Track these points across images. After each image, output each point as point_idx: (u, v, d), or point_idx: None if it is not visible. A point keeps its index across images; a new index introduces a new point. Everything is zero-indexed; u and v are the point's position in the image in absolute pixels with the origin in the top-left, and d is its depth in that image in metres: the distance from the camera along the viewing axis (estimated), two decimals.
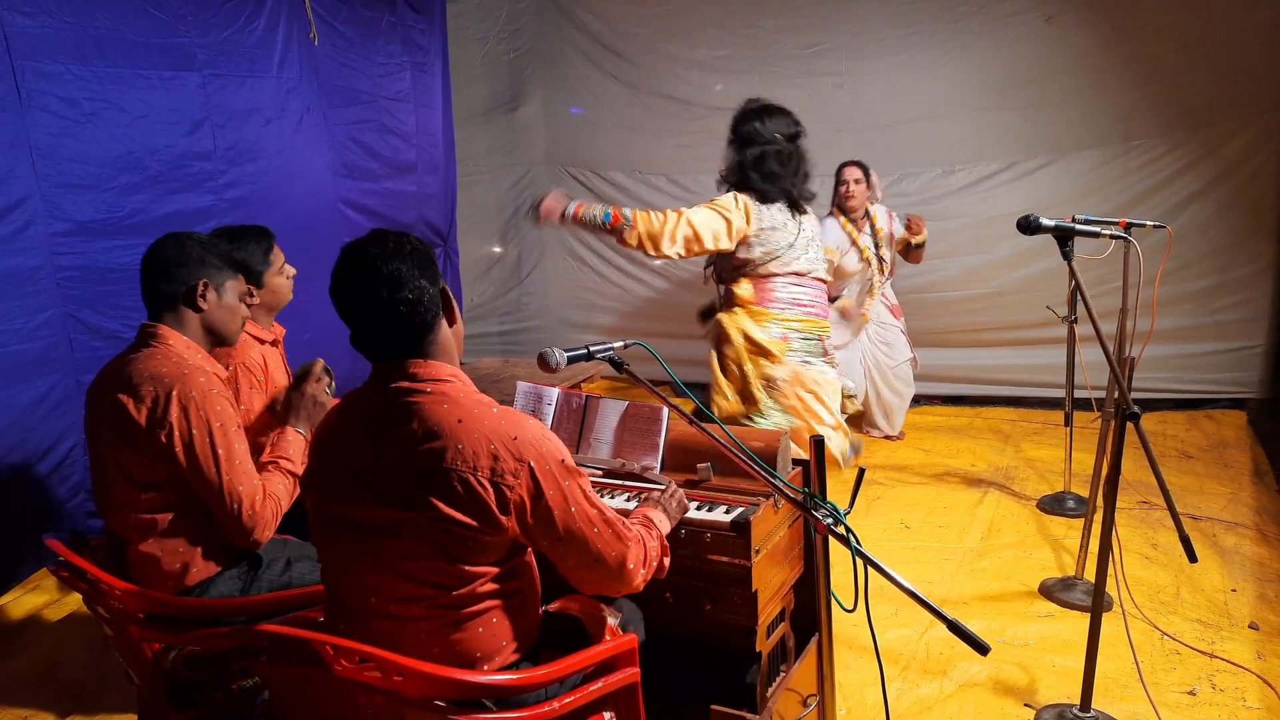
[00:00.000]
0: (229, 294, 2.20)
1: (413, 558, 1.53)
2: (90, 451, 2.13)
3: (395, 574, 1.55)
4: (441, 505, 1.49)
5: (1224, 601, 3.14)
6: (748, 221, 3.13)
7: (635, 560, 1.68)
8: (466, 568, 1.54)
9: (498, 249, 6.70)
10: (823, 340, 3.24)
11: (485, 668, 1.60)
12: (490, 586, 1.58)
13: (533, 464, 1.53)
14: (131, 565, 2.07)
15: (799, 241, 3.18)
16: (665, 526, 1.89)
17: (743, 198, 3.17)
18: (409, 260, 1.57)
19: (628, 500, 2.15)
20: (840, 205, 4.79)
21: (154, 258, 2.14)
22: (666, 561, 1.82)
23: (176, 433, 1.97)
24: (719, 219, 3.14)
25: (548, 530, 1.57)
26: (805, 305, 3.21)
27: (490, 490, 1.50)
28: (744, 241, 3.16)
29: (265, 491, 2.05)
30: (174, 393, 1.98)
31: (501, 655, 1.62)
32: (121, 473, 2.03)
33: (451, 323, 1.66)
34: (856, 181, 4.71)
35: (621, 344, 1.94)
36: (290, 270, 2.78)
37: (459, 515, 1.49)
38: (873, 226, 4.78)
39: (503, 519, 1.52)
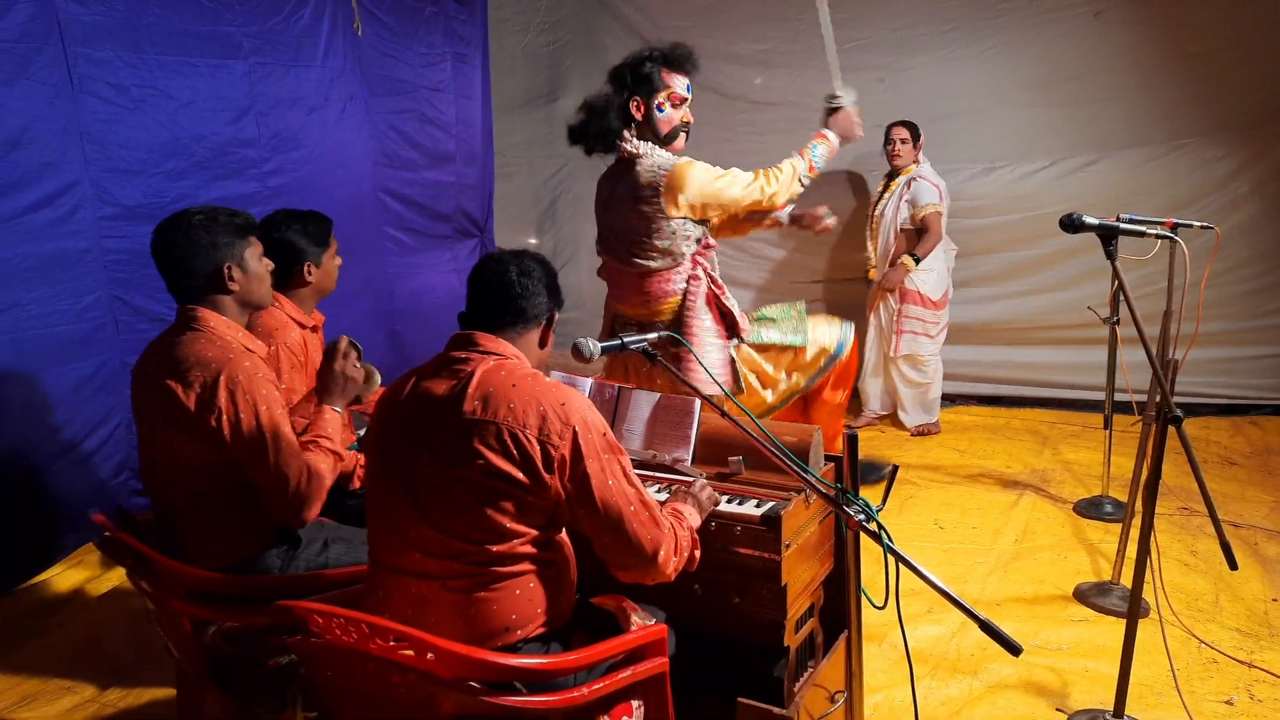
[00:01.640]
0: (251, 262, 2.19)
1: (459, 513, 1.62)
2: (138, 430, 2.18)
3: (440, 530, 1.63)
4: (491, 457, 1.59)
5: (1264, 611, 3.08)
6: None
7: (669, 548, 1.72)
8: (509, 524, 1.61)
9: (534, 240, 6.74)
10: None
11: (519, 634, 1.65)
12: (528, 549, 1.64)
13: (577, 429, 1.63)
14: (177, 542, 2.12)
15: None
16: (695, 520, 1.91)
17: None
18: (547, 274, 1.81)
19: (659, 491, 2.16)
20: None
21: (166, 254, 2.11)
22: (697, 554, 1.84)
23: (225, 416, 2.01)
24: None
25: (585, 499, 1.64)
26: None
27: (537, 447, 1.60)
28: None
29: (311, 470, 2.09)
30: (221, 377, 2.01)
31: (533, 624, 1.67)
32: (170, 454, 2.08)
33: (543, 343, 1.82)
34: (903, 141, 4.92)
35: (655, 335, 1.95)
36: (339, 260, 2.82)
37: (507, 468, 1.59)
38: (886, 189, 5.03)
39: (546, 477, 1.60)
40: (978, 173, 5.40)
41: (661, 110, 3.07)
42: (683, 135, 3.18)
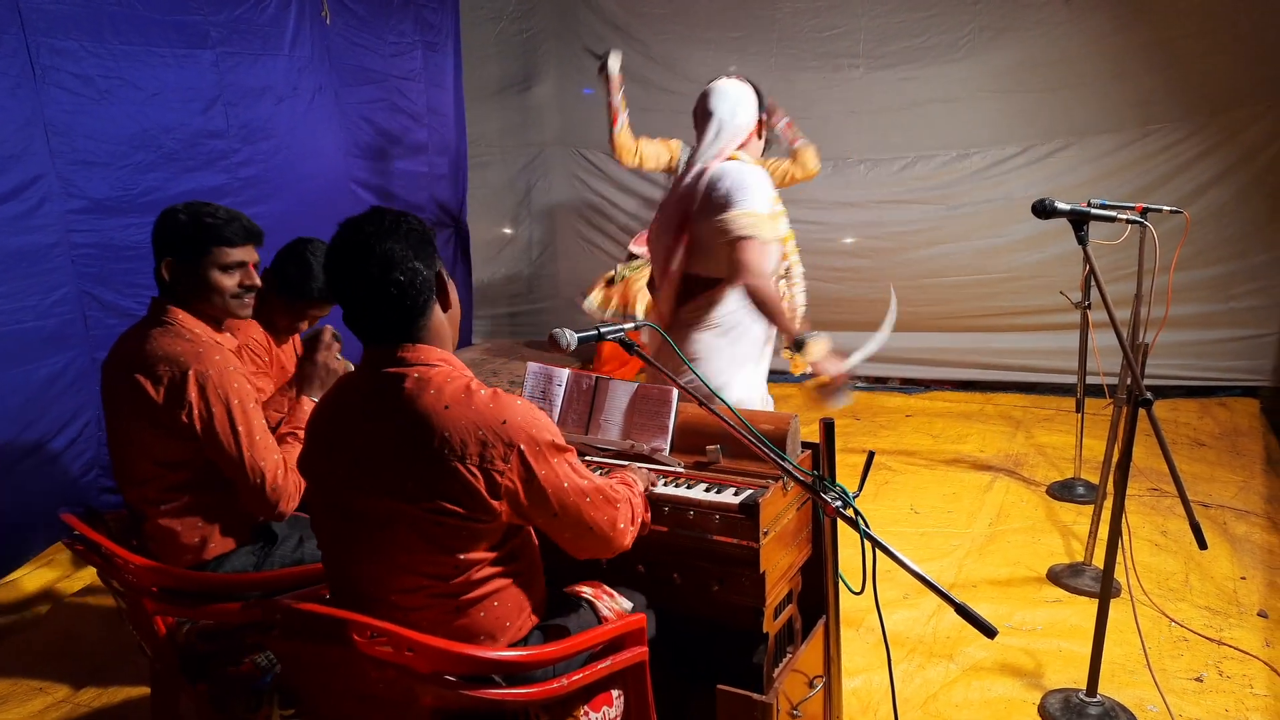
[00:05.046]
0: None
1: (406, 549, 1.53)
2: (108, 425, 2.15)
3: (391, 565, 1.55)
4: (431, 495, 1.49)
5: (1233, 589, 3.14)
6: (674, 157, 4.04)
7: (624, 520, 1.71)
8: (462, 556, 1.54)
9: (509, 230, 6.70)
10: None
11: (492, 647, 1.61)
12: (488, 571, 1.58)
13: (523, 448, 1.52)
14: (149, 539, 2.10)
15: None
16: (641, 486, 1.92)
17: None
18: (405, 240, 1.55)
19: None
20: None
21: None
22: (648, 516, 1.86)
23: (196, 412, 1.99)
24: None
25: (543, 509, 1.57)
26: None
27: (480, 477, 1.49)
28: None
29: (286, 464, 2.07)
30: (190, 373, 1.99)
31: (507, 635, 1.64)
32: (141, 449, 2.05)
33: (446, 307, 1.64)
34: None
35: (632, 325, 1.95)
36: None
37: (449, 505, 1.49)
38: None
39: (494, 504, 1.51)
40: (952, 159, 5.43)
41: None
42: None
